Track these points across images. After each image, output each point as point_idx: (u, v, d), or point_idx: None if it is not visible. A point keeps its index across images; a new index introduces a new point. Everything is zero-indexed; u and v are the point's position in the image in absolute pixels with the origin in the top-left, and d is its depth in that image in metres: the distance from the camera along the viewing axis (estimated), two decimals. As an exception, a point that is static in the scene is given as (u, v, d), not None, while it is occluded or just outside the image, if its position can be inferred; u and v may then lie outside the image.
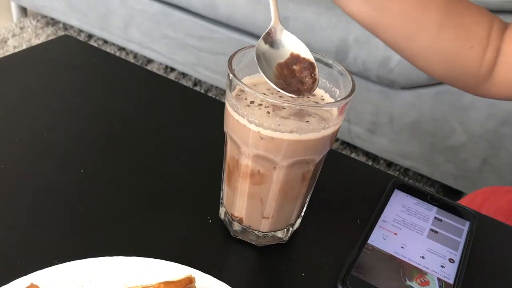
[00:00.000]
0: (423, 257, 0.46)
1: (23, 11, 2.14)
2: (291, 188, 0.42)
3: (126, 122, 0.59)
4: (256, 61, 0.40)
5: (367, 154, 1.60)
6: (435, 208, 0.52)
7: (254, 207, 0.43)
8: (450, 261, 0.46)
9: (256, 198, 0.43)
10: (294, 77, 0.41)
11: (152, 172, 0.52)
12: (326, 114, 0.40)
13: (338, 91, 0.43)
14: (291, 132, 0.38)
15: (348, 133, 1.48)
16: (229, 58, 0.40)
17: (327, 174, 0.55)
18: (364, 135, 1.46)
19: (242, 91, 0.40)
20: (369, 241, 0.47)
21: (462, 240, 0.49)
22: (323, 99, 0.44)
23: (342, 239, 0.48)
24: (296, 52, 0.42)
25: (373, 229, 0.48)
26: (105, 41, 2.00)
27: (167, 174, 0.52)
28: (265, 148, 0.39)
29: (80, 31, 2.05)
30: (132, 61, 1.91)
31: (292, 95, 0.39)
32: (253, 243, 0.46)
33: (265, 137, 0.38)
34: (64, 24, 2.10)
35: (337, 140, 1.64)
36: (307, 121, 0.39)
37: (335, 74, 0.43)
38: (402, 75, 1.27)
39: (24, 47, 1.88)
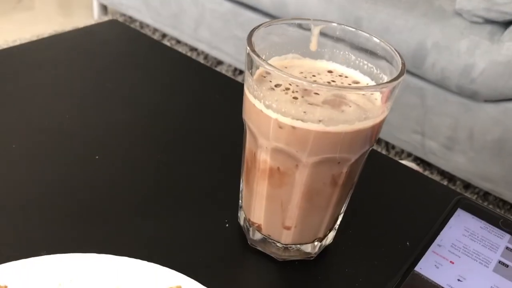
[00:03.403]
0: (486, 296, 0.36)
1: (104, 9, 2.20)
2: (318, 193, 0.34)
3: (152, 110, 0.54)
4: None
5: (443, 173, 1.46)
6: (507, 236, 0.42)
7: (273, 214, 0.36)
8: (522, 305, 0.36)
9: (275, 202, 0.35)
10: None
11: (172, 164, 0.46)
12: (367, 103, 0.32)
13: (386, 78, 0.35)
14: (318, 121, 0.30)
15: (422, 148, 1.36)
16: (250, 32, 0.33)
17: (374, 182, 0.47)
18: (439, 152, 1.32)
19: (267, 73, 0.33)
20: (417, 268, 0.38)
21: (540, 279, 0.38)
22: (367, 88, 0.36)
23: (385, 262, 0.39)
24: None
25: (423, 254, 0.39)
26: (178, 41, 2.00)
27: (187, 168, 0.46)
28: (285, 140, 0.32)
29: (155, 29, 2.07)
30: (202, 62, 1.89)
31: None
32: (273, 256, 0.38)
33: (284, 126, 0.31)
34: (140, 22, 2.13)
35: (409, 155, 1.51)
36: (342, 111, 0.31)
37: (384, 58, 0.35)
38: (486, 85, 1.13)
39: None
